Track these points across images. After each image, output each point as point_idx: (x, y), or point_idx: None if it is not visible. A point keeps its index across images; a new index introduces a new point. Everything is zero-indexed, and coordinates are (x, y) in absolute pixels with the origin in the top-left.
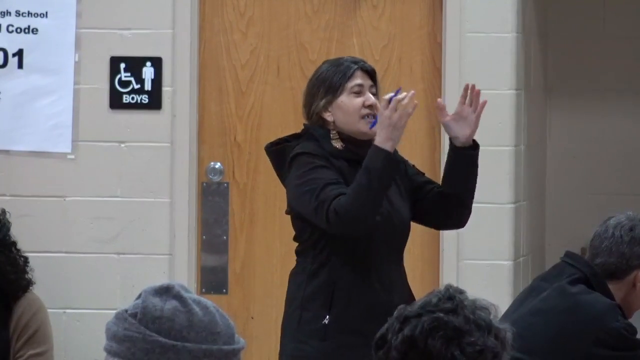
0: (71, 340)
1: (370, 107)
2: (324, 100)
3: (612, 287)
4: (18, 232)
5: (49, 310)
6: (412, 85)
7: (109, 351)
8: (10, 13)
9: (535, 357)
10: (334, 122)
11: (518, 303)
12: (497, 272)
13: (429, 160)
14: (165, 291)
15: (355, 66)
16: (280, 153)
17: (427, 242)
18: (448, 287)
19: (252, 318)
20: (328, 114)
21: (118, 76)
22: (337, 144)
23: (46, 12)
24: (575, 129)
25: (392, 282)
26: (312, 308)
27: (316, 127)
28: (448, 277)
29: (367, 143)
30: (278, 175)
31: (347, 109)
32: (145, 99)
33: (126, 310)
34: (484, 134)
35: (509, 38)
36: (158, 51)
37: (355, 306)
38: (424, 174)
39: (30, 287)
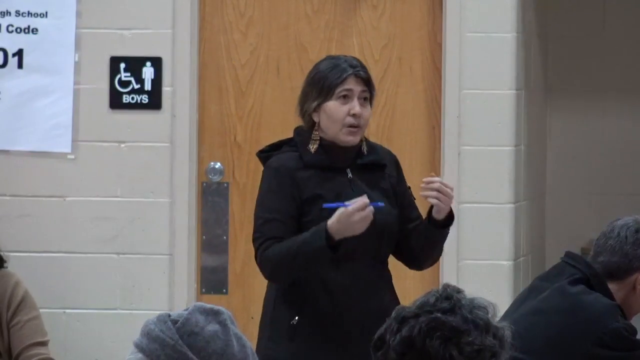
0: (71, 340)
1: (355, 116)
2: (315, 102)
3: (612, 287)
4: (18, 232)
5: (49, 310)
6: (412, 85)
7: (138, 345)
8: (10, 13)
9: (535, 358)
10: (319, 123)
11: (518, 303)
12: (497, 272)
13: (429, 160)
14: (213, 313)
15: (350, 71)
16: (266, 160)
17: None
18: (446, 287)
19: (252, 318)
20: (316, 114)
21: (118, 76)
22: (313, 147)
23: (46, 12)
24: (575, 129)
25: (369, 286)
26: (283, 308)
27: (300, 132)
28: (448, 277)
29: (345, 149)
30: None
31: (332, 115)
32: (145, 99)
33: (169, 315)
34: (484, 133)
35: (509, 38)
36: (158, 51)
37: (325, 309)
38: (415, 207)
39: (5, 265)
